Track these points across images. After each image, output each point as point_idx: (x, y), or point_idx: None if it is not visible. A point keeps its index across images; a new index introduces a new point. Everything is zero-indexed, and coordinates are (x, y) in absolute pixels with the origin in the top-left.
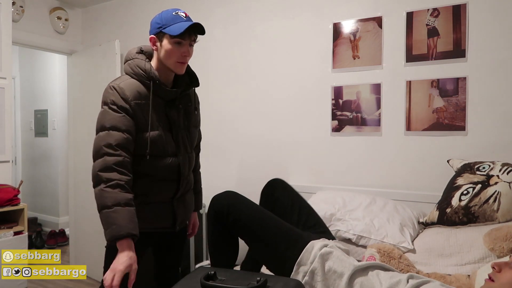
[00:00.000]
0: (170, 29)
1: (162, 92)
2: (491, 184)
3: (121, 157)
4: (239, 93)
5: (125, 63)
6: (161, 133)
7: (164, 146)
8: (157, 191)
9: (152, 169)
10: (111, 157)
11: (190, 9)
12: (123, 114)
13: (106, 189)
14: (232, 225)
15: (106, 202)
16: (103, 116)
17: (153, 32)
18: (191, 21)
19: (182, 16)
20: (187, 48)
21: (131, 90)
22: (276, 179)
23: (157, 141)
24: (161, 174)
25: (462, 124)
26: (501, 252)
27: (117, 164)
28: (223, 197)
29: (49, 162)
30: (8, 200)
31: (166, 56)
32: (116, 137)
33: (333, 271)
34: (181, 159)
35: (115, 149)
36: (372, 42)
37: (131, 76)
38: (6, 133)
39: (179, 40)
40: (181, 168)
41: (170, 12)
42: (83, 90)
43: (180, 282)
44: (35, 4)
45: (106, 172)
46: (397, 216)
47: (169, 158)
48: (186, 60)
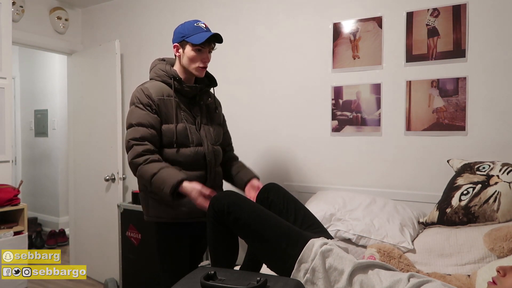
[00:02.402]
0: (192, 38)
1: (183, 89)
2: (491, 184)
3: (148, 145)
4: (239, 93)
5: (150, 72)
6: (185, 125)
7: (190, 136)
8: (189, 178)
9: (180, 157)
10: (139, 146)
11: (190, 9)
12: (147, 111)
13: (145, 166)
14: (232, 225)
15: (150, 172)
16: (130, 115)
17: (177, 41)
18: (210, 31)
19: (202, 27)
20: (207, 55)
21: (155, 89)
22: (270, 183)
23: (182, 132)
24: (189, 162)
25: (462, 124)
26: (501, 252)
27: (146, 150)
28: (223, 196)
29: (49, 162)
30: (8, 200)
31: (189, 61)
32: (141, 132)
33: (334, 268)
34: (206, 148)
35: (141, 140)
36: (372, 42)
37: (155, 79)
38: (6, 133)
39: (200, 48)
40: (206, 156)
41: (192, 24)
42: (83, 90)
43: (180, 282)
44: (35, 4)
45: (138, 157)
46: (397, 216)
47: (195, 147)
48: (206, 65)
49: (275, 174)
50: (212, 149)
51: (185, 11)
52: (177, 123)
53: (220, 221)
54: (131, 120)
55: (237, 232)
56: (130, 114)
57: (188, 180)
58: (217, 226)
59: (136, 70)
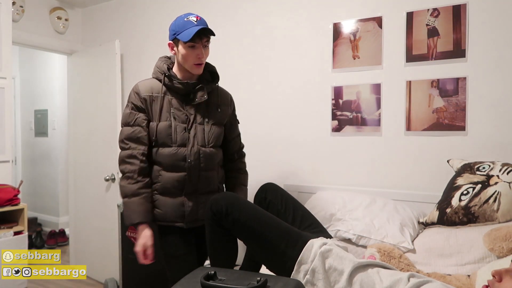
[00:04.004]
0: (182, 35)
1: (173, 85)
2: (491, 184)
3: (129, 150)
4: (239, 93)
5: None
6: (170, 124)
7: (172, 136)
8: (165, 181)
9: (159, 157)
10: (123, 151)
11: (190, 10)
12: (132, 110)
13: (122, 182)
14: (231, 226)
15: (122, 194)
16: (122, 115)
17: (170, 39)
18: (201, 25)
19: (193, 20)
20: (201, 50)
21: (145, 86)
22: (268, 183)
23: (164, 131)
24: (168, 163)
25: (462, 124)
26: (500, 252)
27: (127, 156)
28: (221, 198)
29: (49, 162)
30: (8, 200)
31: (183, 59)
32: (126, 132)
33: (334, 269)
34: (189, 150)
35: (125, 143)
36: (372, 42)
37: (152, 77)
38: (6, 133)
39: (192, 44)
40: (187, 158)
41: (182, 18)
42: (83, 90)
43: (180, 282)
44: (35, 4)
45: (120, 165)
46: (397, 216)
47: (177, 147)
48: (202, 61)
49: (275, 174)
50: (197, 151)
51: (185, 11)
52: (159, 121)
53: (219, 222)
54: (121, 121)
55: (235, 234)
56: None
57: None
58: (216, 227)
59: (136, 70)
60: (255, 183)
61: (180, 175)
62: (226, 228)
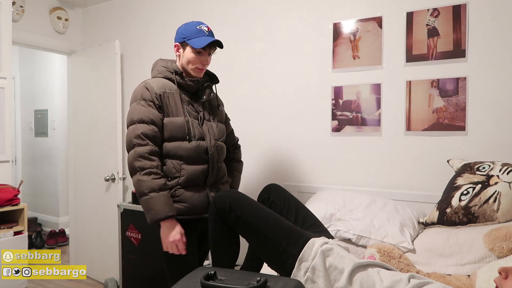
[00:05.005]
0: (193, 42)
1: (185, 83)
2: (491, 184)
3: (149, 146)
4: (239, 93)
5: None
6: (188, 119)
7: (192, 130)
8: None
9: (181, 150)
10: (140, 147)
11: (190, 9)
12: (148, 107)
13: (142, 177)
14: (234, 223)
15: (143, 190)
16: (132, 111)
17: (178, 41)
18: (212, 36)
19: (205, 30)
20: (206, 58)
21: (157, 84)
22: (271, 184)
23: (182, 126)
24: (191, 156)
25: (462, 124)
26: (500, 252)
27: (147, 152)
28: (225, 195)
29: (49, 162)
30: (8, 200)
31: (187, 62)
32: (143, 128)
33: (334, 267)
34: (208, 143)
35: (143, 139)
36: (372, 42)
37: (157, 76)
38: (6, 133)
39: (200, 51)
40: (209, 150)
41: (195, 26)
42: (83, 90)
43: (180, 282)
44: (35, 4)
45: (137, 161)
46: (397, 216)
47: (197, 141)
48: (205, 67)
49: (275, 174)
50: (215, 144)
51: (185, 11)
52: (176, 117)
53: (222, 219)
54: (133, 117)
55: (238, 230)
56: (131, 110)
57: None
58: (219, 224)
59: (136, 70)
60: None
61: (203, 167)
62: (229, 224)
